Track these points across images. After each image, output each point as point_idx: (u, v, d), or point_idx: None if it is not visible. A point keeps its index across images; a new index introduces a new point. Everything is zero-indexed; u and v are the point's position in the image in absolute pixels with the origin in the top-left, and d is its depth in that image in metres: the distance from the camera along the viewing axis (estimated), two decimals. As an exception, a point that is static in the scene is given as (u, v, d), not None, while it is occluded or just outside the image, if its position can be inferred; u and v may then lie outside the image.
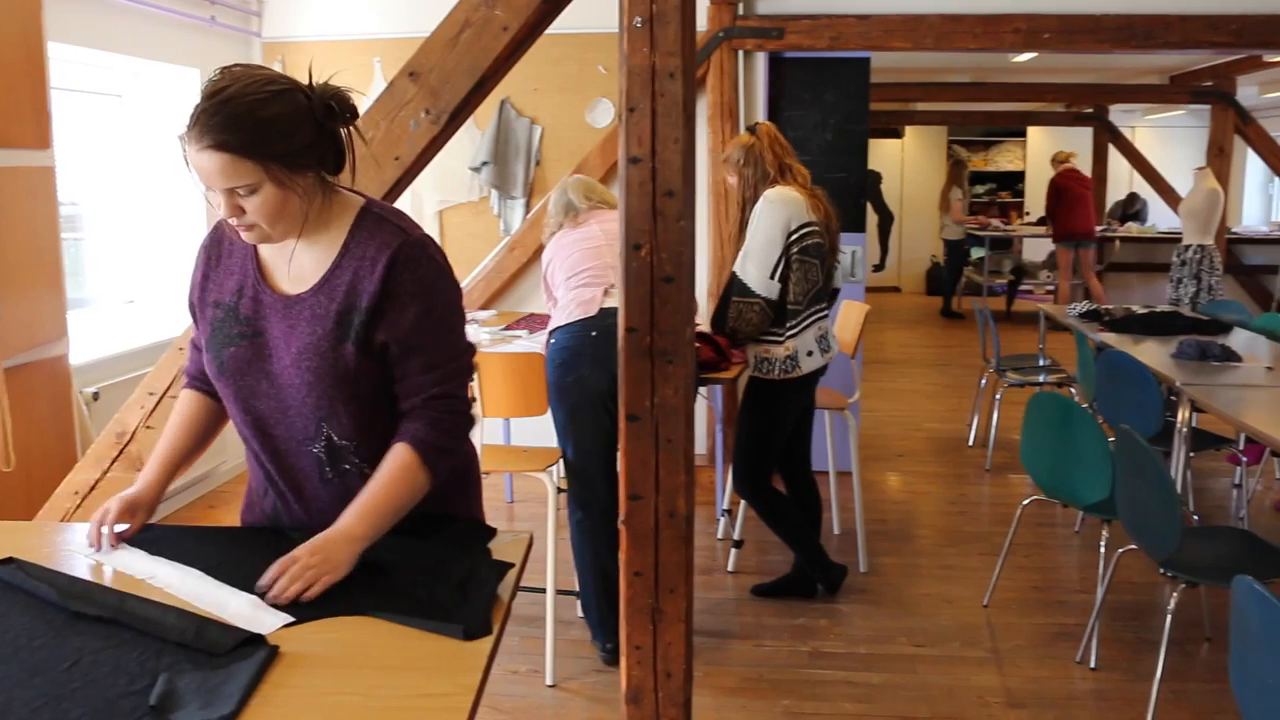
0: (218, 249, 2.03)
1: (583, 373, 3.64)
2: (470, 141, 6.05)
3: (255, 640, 1.57)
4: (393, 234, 1.91)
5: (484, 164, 6.04)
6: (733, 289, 3.96)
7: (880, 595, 4.41)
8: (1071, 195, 11.06)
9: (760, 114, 5.70)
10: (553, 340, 3.80)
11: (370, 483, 1.87)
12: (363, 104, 2.00)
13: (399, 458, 1.89)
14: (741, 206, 4.05)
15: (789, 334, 3.98)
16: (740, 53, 5.69)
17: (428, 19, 2.73)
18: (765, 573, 4.54)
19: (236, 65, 1.84)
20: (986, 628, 4.14)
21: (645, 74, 2.35)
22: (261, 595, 1.69)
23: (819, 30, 5.58)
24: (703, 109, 5.66)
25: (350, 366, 1.89)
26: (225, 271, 2.00)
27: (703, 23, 5.58)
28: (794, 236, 3.90)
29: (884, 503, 5.63)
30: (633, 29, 2.35)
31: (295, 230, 1.89)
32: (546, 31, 2.92)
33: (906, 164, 14.83)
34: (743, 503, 4.51)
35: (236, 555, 1.88)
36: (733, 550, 4.68)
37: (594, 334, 3.65)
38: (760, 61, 5.74)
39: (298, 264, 1.95)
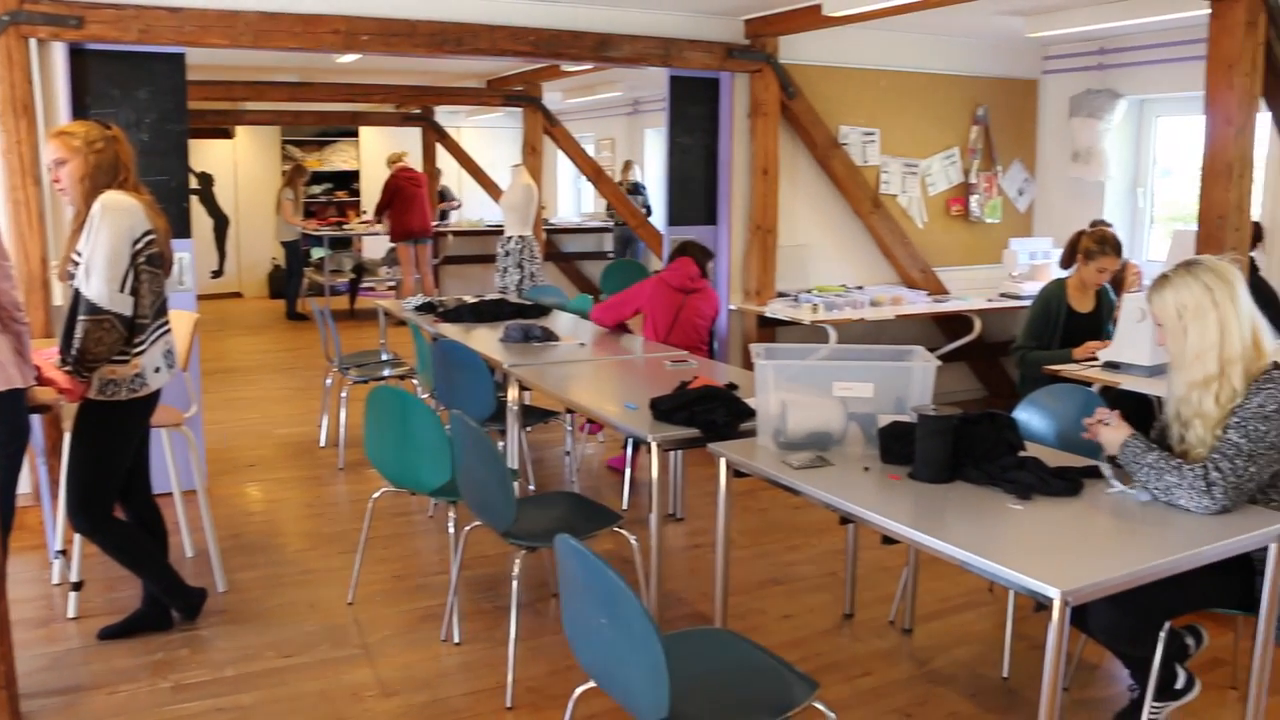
0: None
1: None
2: None
3: None
4: None
5: None
6: (79, 308, 3.54)
7: (242, 612, 4.25)
8: (406, 194, 11.46)
9: (62, 111, 5.19)
10: None
11: None
12: None
13: None
14: (85, 201, 3.60)
15: (136, 351, 3.68)
16: (34, 41, 5.13)
17: None
18: (115, 612, 4.15)
19: None
20: (354, 625, 4.16)
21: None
22: None
23: (126, 22, 5.19)
24: (-11, 104, 5.03)
25: None
26: None
27: (-18, 5, 4.96)
28: (139, 245, 3.59)
29: (239, 516, 5.43)
30: None
31: None
32: None
33: (240, 165, 14.41)
34: (78, 539, 4.09)
35: None
36: (72, 594, 4.24)
37: None
38: (59, 52, 5.21)
39: None
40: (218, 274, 14.32)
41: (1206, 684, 3.39)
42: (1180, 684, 3.22)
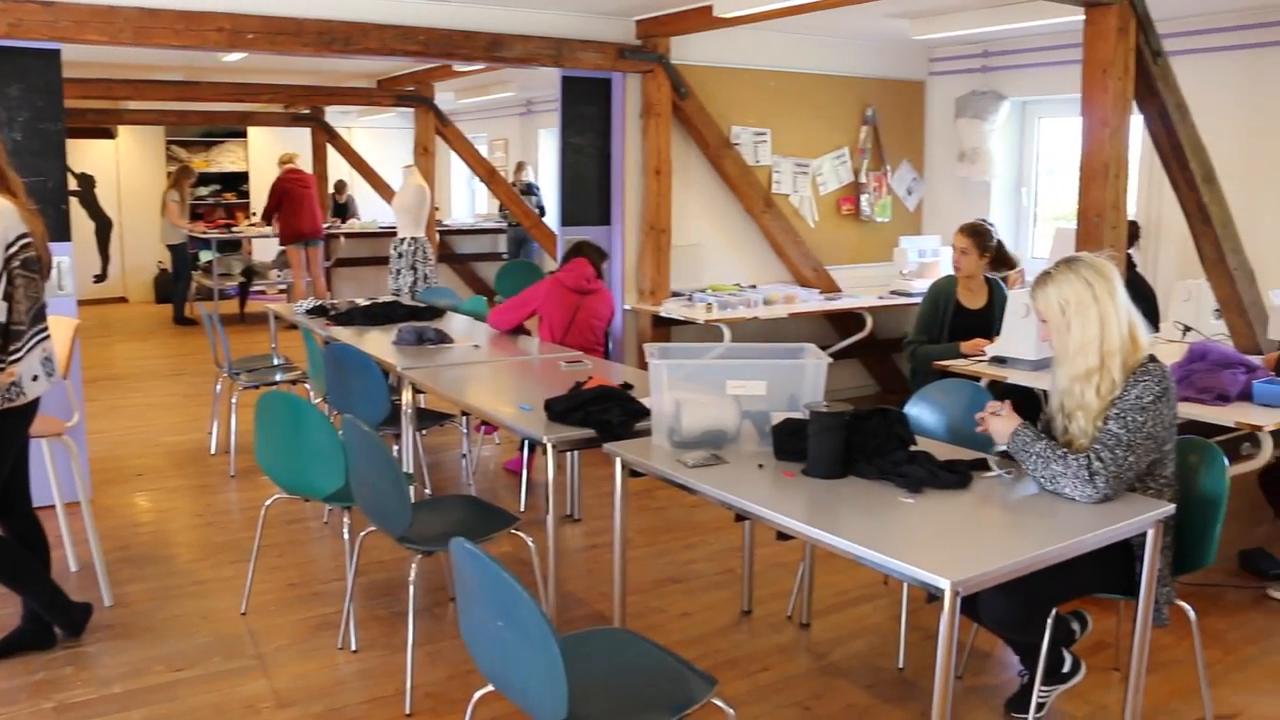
0: None
1: None
2: None
3: None
4: None
5: None
6: None
7: (131, 626, 4.13)
8: (294, 196, 11.24)
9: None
10: None
11: None
12: None
13: None
14: None
15: (12, 358, 3.55)
16: (-107, 35, 4.91)
17: None
18: (-8, 631, 4.02)
19: None
20: (248, 635, 4.07)
21: None
22: None
23: (-7, 15, 5.01)
24: None
25: None
26: None
27: None
28: (13, 249, 3.47)
29: (126, 527, 5.27)
30: None
31: None
32: None
33: (123, 166, 14.01)
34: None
35: None
36: (-55, 614, 4.08)
37: None
38: (-86, 48, 5.01)
39: None
40: (101, 278, 13.91)
41: (1091, 666, 3.50)
42: (1067, 668, 3.32)
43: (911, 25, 7.07)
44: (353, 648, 3.94)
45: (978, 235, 5.36)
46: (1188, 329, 5.55)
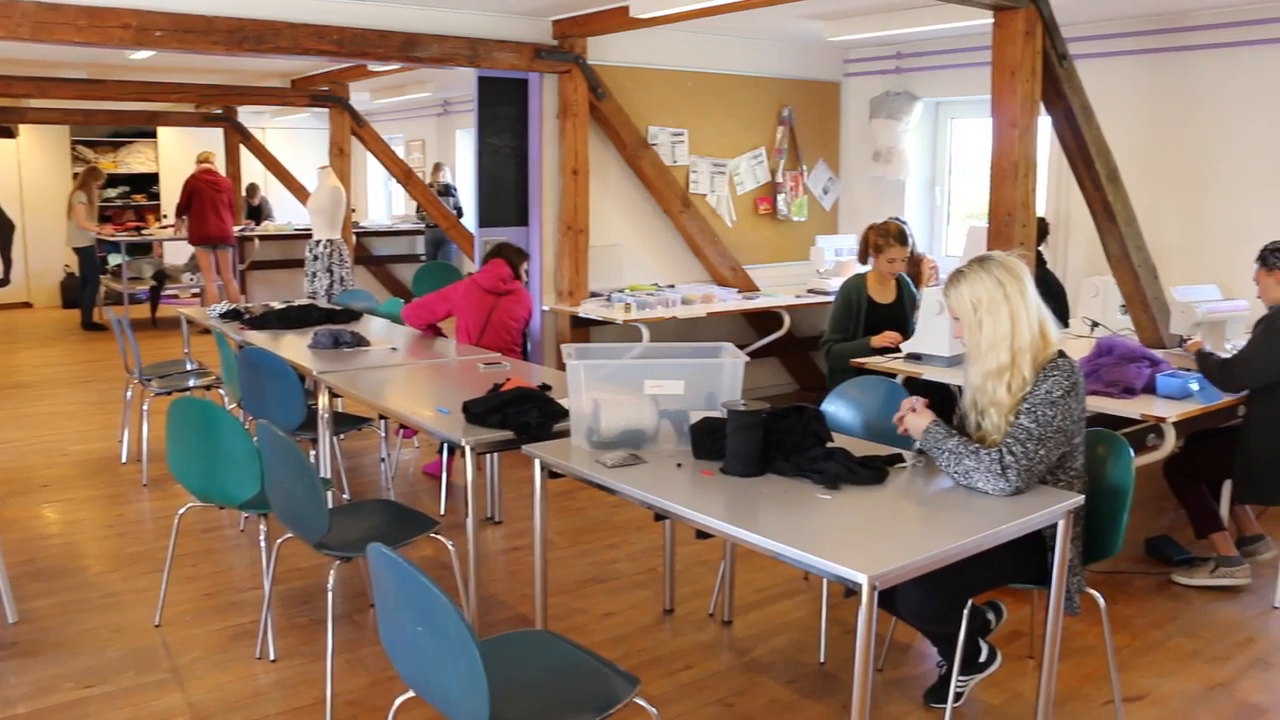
0: None
1: None
2: None
3: None
4: None
5: None
6: None
7: (37, 643, 4.01)
8: (205, 197, 11.00)
9: None
10: None
11: None
12: None
13: None
14: None
15: None
16: None
17: None
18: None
19: None
20: (162, 648, 3.98)
21: None
22: None
23: None
24: None
25: None
26: None
27: None
28: None
29: (32, 540, 5.12)
30: None
31: None
32: None
33: (25, 167, 13.62)
34: None
35: None
36: None
37: None
38: None
39: None
40: (3, 283, 13.48)
41: (1007, 655, 3.58)
42: (984, 657, 3.39)
43: (825, 27, 7.15)
44: (271, 657, 3.87)
45: (907, 239, 5.46)
46: (1095, 324, 5.69)
